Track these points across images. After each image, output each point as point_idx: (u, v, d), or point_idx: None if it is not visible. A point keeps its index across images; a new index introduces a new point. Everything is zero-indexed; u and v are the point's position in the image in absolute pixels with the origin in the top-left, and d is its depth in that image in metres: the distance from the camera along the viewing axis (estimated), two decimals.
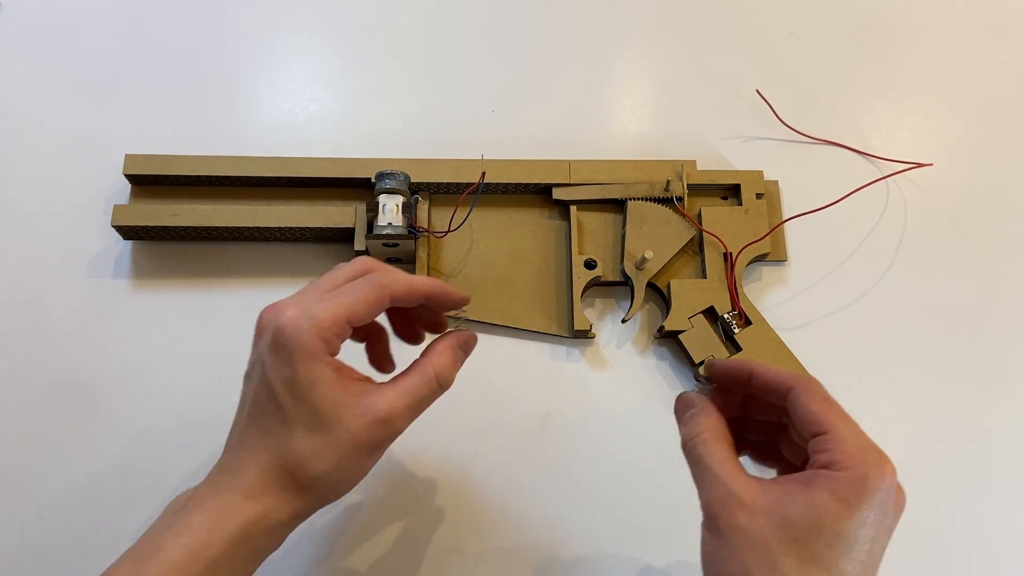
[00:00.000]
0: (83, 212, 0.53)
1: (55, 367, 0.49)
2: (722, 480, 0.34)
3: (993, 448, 0.50)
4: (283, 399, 0.34)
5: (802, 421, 0.34)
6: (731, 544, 0.33)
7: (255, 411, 0.35)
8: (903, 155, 0.56)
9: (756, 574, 0.32)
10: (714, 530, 0.33)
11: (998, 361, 0.52)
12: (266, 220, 0.50)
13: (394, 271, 0.37)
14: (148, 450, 0.47)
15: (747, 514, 0.32)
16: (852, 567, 0.31)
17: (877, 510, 0.32)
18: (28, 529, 0.45)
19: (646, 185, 0.53)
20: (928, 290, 0.54)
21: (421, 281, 0.37)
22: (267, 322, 0.35)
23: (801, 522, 0.32)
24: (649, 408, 0.50)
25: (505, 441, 0.48)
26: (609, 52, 0.61)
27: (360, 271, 0.37)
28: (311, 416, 0.34)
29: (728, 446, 0.36)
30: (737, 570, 0.32)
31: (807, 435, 0.34)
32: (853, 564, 0.31)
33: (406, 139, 0.56)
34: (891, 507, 0.32)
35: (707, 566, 0.34)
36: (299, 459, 0.34)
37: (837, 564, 0.31)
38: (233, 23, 0.60)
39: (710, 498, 0.34)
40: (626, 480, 0.48)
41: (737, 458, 0.35)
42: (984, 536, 0.48)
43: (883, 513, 0.32)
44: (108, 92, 0.57)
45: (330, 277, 0.37)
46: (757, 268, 0.54)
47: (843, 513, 0.31)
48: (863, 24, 0.62)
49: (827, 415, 0.33)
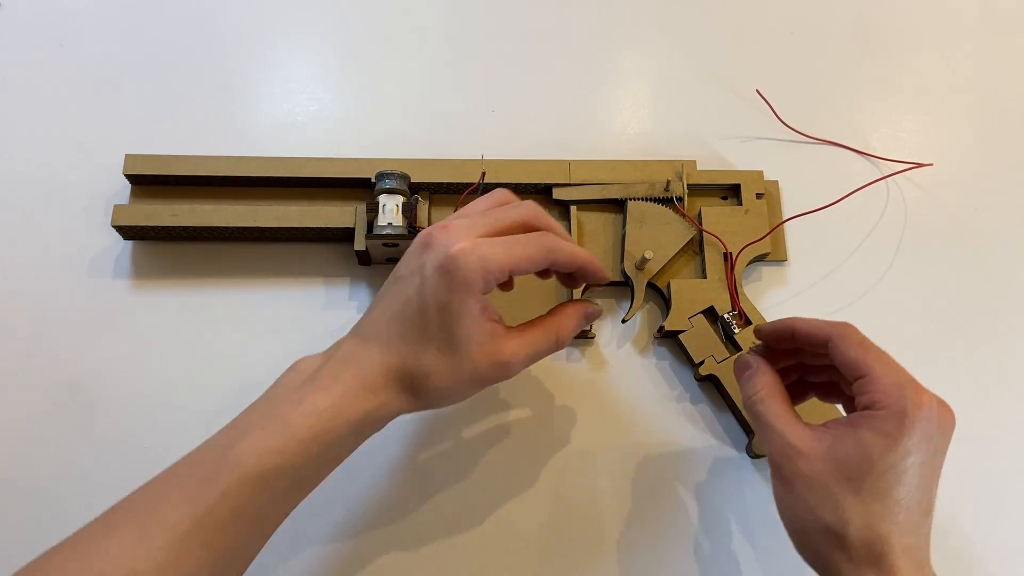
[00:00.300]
0: (83, 212, 0.53)
1: (55, 367, 0.49)
2: (780, 433, 0.38)
3: (993, 448, 0.50)
4: (431, 317, 0.37)
5: (843, 367, 0.38)
6: (796, 489, 0.37)
7: (400, 316, 0.38)
8: (903, 155, 0.56)
9: (820, 512, 0.36)
10: (780, 478, 0.38)
11: (998, 361, 0.52)
12: (266, 220, 0.50)
13: (559, 235, 0.40)
14: (148, 450, 0.47)
15: (805, 461, 0.36)
16: (906, 493, 0.35)
17: (921, 438, 0.35)
18: (28, 529, 0.45)
19: (646, 185, 0.53)
20: (928, 290, 0.54)
21: (581, 254, 0.40)
22: (438, 241, 0.37)
23: (853, 462, 0.35)
24: (649, 408, 0.50)
25: (505, 441, 0.48)
26: (609, 52, 0.61)
27: (528, 222, 0.40)
28: (448, 341, 0.37)
29: (784, 401, 0.39)
30: (805, 511, 0.36)
31: (850, 379, 0.37)
32: (907, 489, 0.35)
33: (406, 139, 0.56)
34: (936, 431, 0.36)
35: (781, 509, 0.38)
36: (424, 372, 0.38)
37: (891, 494, 0.35)
38: (233, 23, 0.60)
39: (772, 451, 0.38)
40: (626, 480, 0.48)
41: (793, 410, 0.39)
42: (984, 536, 0.48)
43: (928, 438, 0.35)
44: (108, 92, 0.57)
45: (499, 215, 0.39)
46: (757, 268, 0.54)
47: (888, 447, 0.35)
48: (863, 24, 0.62)
49: (864, 359, 0.37)
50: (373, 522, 0.46)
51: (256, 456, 0.35)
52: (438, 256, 0.37)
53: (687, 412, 0.50)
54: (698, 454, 0.49)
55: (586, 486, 0.48)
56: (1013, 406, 0.51)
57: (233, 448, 0.35)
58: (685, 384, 0.51)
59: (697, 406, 0.50)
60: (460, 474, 0.48)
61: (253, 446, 0.35)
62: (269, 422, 0.36)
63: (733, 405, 0.48)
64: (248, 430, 0.36)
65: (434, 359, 0.38)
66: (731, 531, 0.47)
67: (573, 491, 0.48)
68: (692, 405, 0.50)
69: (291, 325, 0.51)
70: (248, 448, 0.35)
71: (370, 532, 0.46)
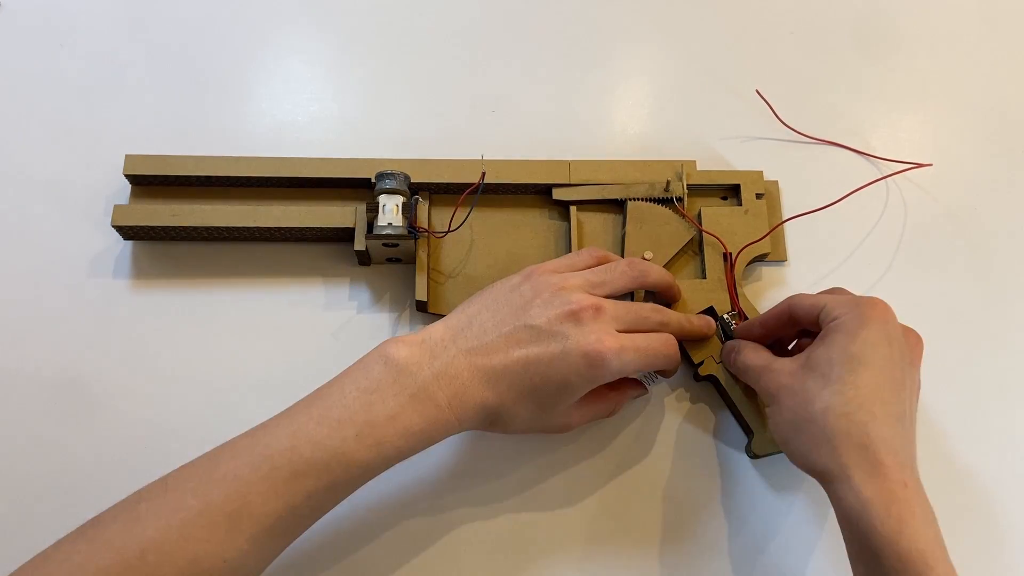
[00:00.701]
0: (83, 212, 0.53)
1: (55, 367, 0.49)
2: (762, 366, 0.43)
3: (993, 449, 0.50)
4: (551, 387, 0.40)
5: (806, 316, 0.42)
6: (781, 402, 0.40)
7: (519, 365, 0.40)
8: (903, 155, 0.56)
9: (803, 410, 0.39)
10: (772, 402, 0.41)
11: (998, 361, 0.52)
12: (266, 220, 0.50)
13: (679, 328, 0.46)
14: (148, 450, 0.47)
15: (786, 375, 0.41)
16: (873, 380, 0.38)
17: (880, 332, 0.39)
18: (28, 529, 0.45)
19: (646, 185, 0.53)
20: (928, 290, 0.54)
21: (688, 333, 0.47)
22: (588, 324, 0.40)
23: (822, 360, 0.39)
24: (649, 408, 0.50)
25: (504, 441, 0.48)
26: (609, 52, 0.61)
27: (658, 322, 0.45)
28: (550, 407, 0.41)
29: (761, 348, 0.45)
30: (790, 415, 0.39)
31: (817, 321, 0.42)
32: (873, 377, 0.38)
33: (406, 139, 0.56)
34: (898, 337, 0.40)
35: (777, 435, 0.41)
36: (512, 418, 0.41)
37: (859, 380, 0.38)
38: (233, 23, 0.60)
39: (760, 384, 0.43)
40: (626, 480, 0.48)
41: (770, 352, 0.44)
42: (986, 539, 0.48)
43: (889, 338, 0.39)
44: (108, 92, 0.57)
45: (641, 314, 0.44)
46: (757, 268, 0.54)
47: (849, 339, 0.39)
48: (863, 24, 0.62)
49: (817, 299, 0.42)
50: (372, 522, 0.46)
51: (344, 468, 0.37)
52: (587, 344, 0.40)
53: (687, 412, 0.50)
54: (698, 454, 0.49)
55: (585, 486, 0.48)
56: (1013, 406, 0.51)
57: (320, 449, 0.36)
58: (685, 384, 0.51)
59: (697, 406, 0.50)
60: (458, 475, 0.48)
61: (342, 456, 0.37)
62: (362, 432, 0.37)
63: (733, 405, 0.48)
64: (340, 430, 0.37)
65: (527, 413, 0.41)
66: (731, 531, 0.47)
67: (572, 491, 0.48)
68: (692, 405, 0.50)
69: (291, 325, 0.51)
70: (337, 457, 0.36)
71: (371, 530, 0.46)
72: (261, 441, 0.37)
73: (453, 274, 0.51)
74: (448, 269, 0.51)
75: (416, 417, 0.38)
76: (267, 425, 0.38)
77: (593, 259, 0.46)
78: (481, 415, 0.40)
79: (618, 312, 0.42)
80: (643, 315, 0.44)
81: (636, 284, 0.45)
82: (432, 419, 0.38)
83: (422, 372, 0.39)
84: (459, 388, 0.39)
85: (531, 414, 0.41)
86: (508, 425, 0.41)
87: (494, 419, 0.41)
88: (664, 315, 0.45)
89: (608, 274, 0.44)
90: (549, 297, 0.41)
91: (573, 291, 0.42)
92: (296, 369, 0.49)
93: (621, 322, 0.42)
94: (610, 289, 0.44)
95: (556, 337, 0.40)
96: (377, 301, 0.52)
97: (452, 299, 0.50)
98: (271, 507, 0.35)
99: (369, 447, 0.37)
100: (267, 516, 0.35)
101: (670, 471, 0.48)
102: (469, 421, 0.40)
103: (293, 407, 0.39)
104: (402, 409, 0.38)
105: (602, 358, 0.40)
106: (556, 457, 0.48)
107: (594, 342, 0.40)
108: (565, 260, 0.46)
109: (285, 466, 0.36)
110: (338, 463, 0.36)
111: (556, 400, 0.41)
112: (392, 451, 0.38)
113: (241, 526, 0.35)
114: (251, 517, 0.35)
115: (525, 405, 0.40)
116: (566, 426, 0.44)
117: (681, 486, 0.48)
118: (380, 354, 0.40)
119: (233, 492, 0.35)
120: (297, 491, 0.36)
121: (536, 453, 0.48)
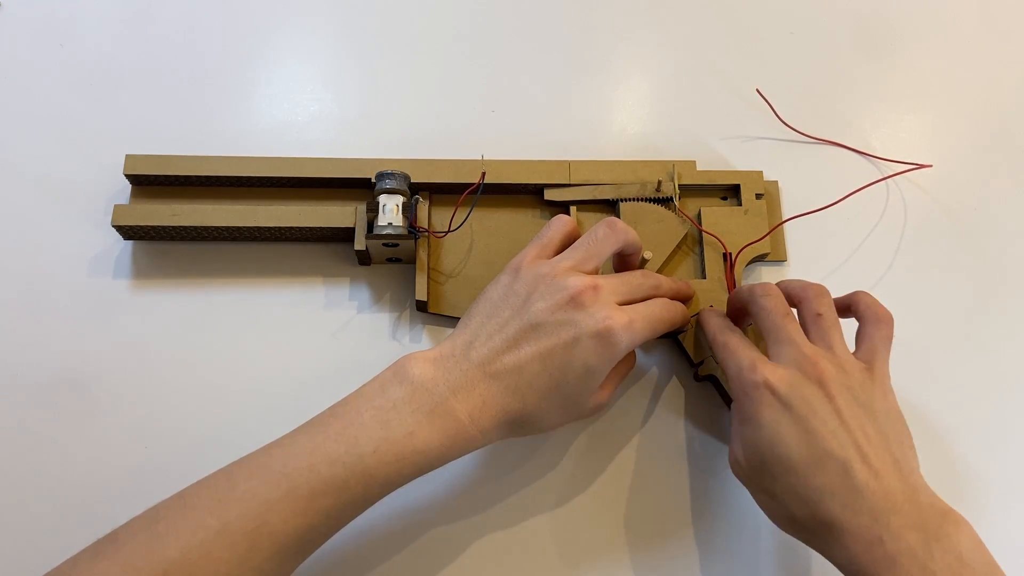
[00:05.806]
0: (83, 212, 0.53)
1: (55, 367, 0.49)
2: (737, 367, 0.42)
3: (993, 449, 0.50)
4: (573, 376, 0.40)
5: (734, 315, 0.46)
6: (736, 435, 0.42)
7: (536, 360, 0.39)
8: (903, 155, 0.56)
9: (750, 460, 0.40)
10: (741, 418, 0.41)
11: (998, 361, 0.52)
12: (266, 220, 0.50)
13: (670, 289, 0.46)
14: (148, 450, 0.47)
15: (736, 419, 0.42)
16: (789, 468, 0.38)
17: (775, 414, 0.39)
18: (27, 529, 0.45)
19: (637, 186, 0.53)
20: (927, 291, 0.54)
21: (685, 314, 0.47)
22: (591, 305, 0.40)
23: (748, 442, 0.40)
24: (649, 408, 0.50)
25: (503, 441, 0.48)
26: (609, 52, 0.61)
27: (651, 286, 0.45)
28: (577, 397, 0.41)
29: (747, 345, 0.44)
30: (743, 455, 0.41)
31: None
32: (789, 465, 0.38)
33: (406, 139, 0.56)
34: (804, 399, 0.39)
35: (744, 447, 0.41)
36: (540, 418, 0.40)
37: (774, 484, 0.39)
38: (233, 23, 0.60)
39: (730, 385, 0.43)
40: (626, 480, 0.48)
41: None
42: (984, 537, 0.48)
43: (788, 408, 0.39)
44: (108, 92, 0.57)
45: (633, 281, 0.44)
46: (757, 268, 0.54)
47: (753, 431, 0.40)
48: (863, 24, 0.62)
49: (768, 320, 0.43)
50: (373, 522, 0.46)
51: (363, 485, 0.37)
52: (597, 324, 0.39)
53: (687, 412, 0.50)
54: (698, 454, 0.49)
55: (584, 486, 0.48)
56: (1013, 406, 0.51)
57: (339, 466, 0.36)
58: (685, 384, 0.51)
59: (697, 406, 0.50)
60: (458, 475, 0.48)
61: (360, 473, 0.36)
62: (380, 449, 0.37)
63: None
64: (357, 447, 0.37)
65: (555, 407, 0.41)
66: (731, 531, 0.47)
67: (571, 491, 0.48)
68: (692, 405, 0.50)
69: (291, 325, 0.51)
70: (356, 475, 0.36)
71: (372, 531, 0.46)
72: (278, 459, 0.37)
73: (453, 274, 0.51)
74: (448, 269, 0.51)
75: (435, 433, 0.38)
76: (283, 442, 0.38)
77: (563, 231, 0.45)
78: (505, 424, 0.40)
79: (614, 286, 0.42)
80: (636, 283, 0.44)
81: (620, 244, 0.44)
82: (452, 434, 0.38)
83: (438, 388, 0.39)
84: (478, 401, 0.39)
85: (559, 407, 0.41)
86: (539, 425, 0.41)
87: (522, 423, 0.40)
88: (653, 279, 0.45)
89: (592, 245, 0.43)
90: (544, 289, 0.41)
91: (566, 276, 0.41)
92: (296, 369, 0.49)
93: (619, 295, 0.42)
94: (598, 260, 0.43)
95: (564, 326, 0.40)
96: (377, 301, 0.52)
97: (452, 299, 0.50)
98: (290, 526, 0.35)
99: (388, 463, 0.37)
100: (286, 535, 0.35)
101: (669, 471, 0.49)
102: (493, 432, 0.40)
103: (308, 424, 0.39)
104: (419, 426, 0.37)
105: (614, 335, 0.39)
106: (554, 457, 0.48)
107: (603, 320, 0.39)
108: (540, 243, 0.44)
109: (303, 485, 0.36)
110: (357, 480, 0.36)
111: (581, 387, 0.40)
112: (411, 467, 0.37)
113: (260, 545, 0.35)
114: (270, 536, 0.35)
115: (551, 400, 0.40)
116: (599, 405, 0.43)
117: (680, 486, 0.48)
118: (395, 371, 0.39)
119: (252, 511, 0.35)
120: (316, 510, 0.36)
121: (531, 452, 0.48)
